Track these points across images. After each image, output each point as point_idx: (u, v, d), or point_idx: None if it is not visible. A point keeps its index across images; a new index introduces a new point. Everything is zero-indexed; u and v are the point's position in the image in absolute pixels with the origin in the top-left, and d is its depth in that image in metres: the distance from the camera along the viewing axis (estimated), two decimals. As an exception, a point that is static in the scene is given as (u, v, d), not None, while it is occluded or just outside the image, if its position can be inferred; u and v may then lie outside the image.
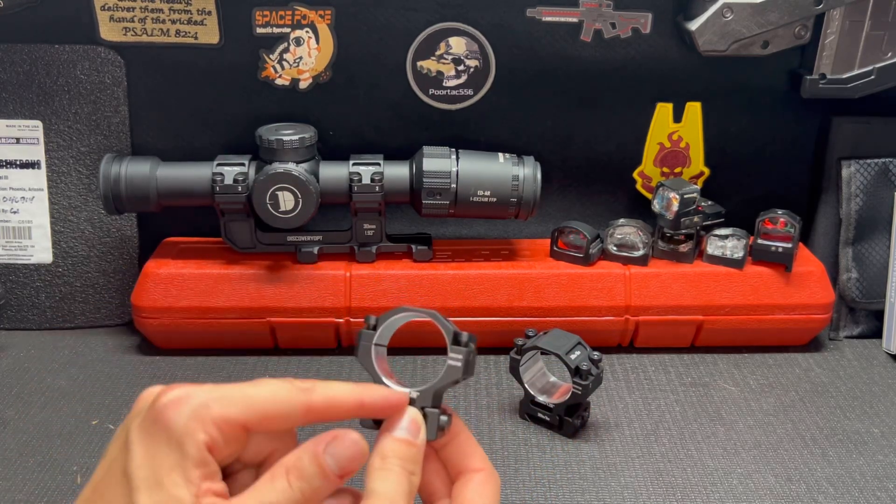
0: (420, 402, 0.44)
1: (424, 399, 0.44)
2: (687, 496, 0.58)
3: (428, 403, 0.44)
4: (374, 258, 0.76)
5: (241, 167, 0.71)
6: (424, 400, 0.44)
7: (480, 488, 0.42)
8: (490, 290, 0.74)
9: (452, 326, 0.45)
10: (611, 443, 0.64)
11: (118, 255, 0.79)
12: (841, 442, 0.64)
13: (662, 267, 0.75)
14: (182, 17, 0.74)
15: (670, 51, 0.77)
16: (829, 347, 0.78)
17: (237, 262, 0.75)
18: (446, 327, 0.44)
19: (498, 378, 0.72)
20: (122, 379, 0.72)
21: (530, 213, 0.74)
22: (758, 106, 0.80)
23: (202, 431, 0.35)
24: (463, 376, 0.44)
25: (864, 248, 0.79)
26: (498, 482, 0.43)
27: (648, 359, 0.75)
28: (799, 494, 0.58)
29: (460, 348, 0.44)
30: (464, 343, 0.44)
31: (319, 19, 0.75)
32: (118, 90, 0.77)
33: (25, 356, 0.75)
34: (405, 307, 0.46)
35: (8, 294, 0.79)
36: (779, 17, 0.73)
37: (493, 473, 0.43)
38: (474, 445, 0.43)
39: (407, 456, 0.40)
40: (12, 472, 0.60)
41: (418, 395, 0.44)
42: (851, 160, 0.78)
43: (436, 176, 0.72)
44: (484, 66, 0.77)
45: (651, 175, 0.83)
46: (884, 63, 0.75)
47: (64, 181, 0.78)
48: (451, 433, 0.43)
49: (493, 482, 0.42)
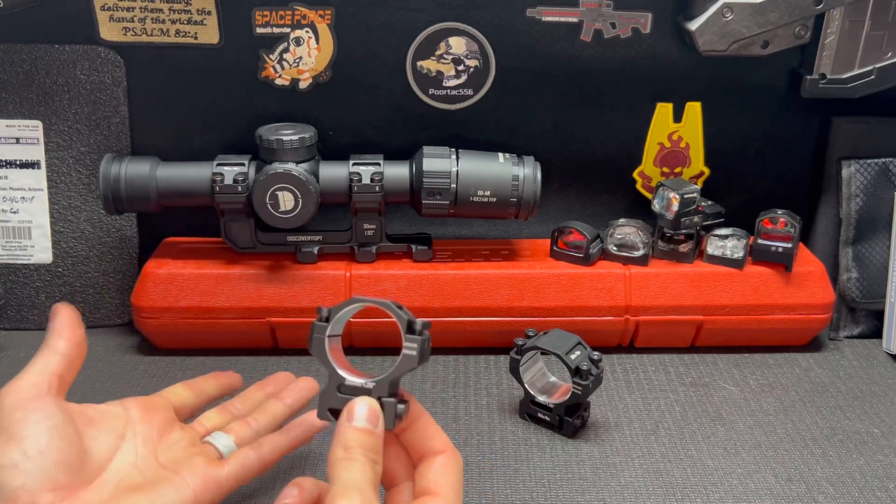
0: (377, 393, 0.45)
1: (381, 389, 0.45)
2: (687, 496, 0.58)
3: (384, 393, 0.45)
4: (374, 258, 0.76)
5: (241, 167, 0.71)
6: (381, 390, 0.45)
7: (443, 469, 0.43)
8: (490, 290, 0.74)
9: (406, 315, 0.45)
10: (611, 443, 0.64)
11: (118, 255, 0.79)
12: (841, 442, 0.64)
13: (662, 267, 0.75)
14: (182, 17, 0.74)
15: (670, 51, 0.77)
16: (829, 347, 0.78)
17: (237, 262, 0.75)
18: (400, 317, 0.45)
19: (498, 378, 0.72)
20: (122, 379, 0.72)
21: (530, 213, 0.74)
22: (758, 106, 0.80)
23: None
24: (419, 364, 0.45)
25: (864, 248, 0.79)
26: (460, 462, 0.44)
27: (648, 359, 0.75)
28: (799, 494, 0.58)
29: (415, 337, 0.45)
30: (418, 331, 0.45)
31: (319, 19, 0.75)
32: (118, 90, 0.77)
33: (25, 356, 0.74)
34: (357, 297, 0.47)
35: (8, 294, 0.79)
36: (779, 17, 0.73)
37: (455, 454, 0.44)
38: (434, 428, 0.44)
39: (368, 445, 0.41)
40: (12, 472, 0.60)
41: (374, 385, 0.45)
42: (851, 160, 0.78)
43: (436, 176, 0.72)
44: (484, 66, 0.77)
45: (651, 175, 0.83)
46: (884, 63, 0.75)
47: (64, 181, 0.78)
48: (411, 417, 0.44)
49: (456, 462, 0.43)
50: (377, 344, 0.75)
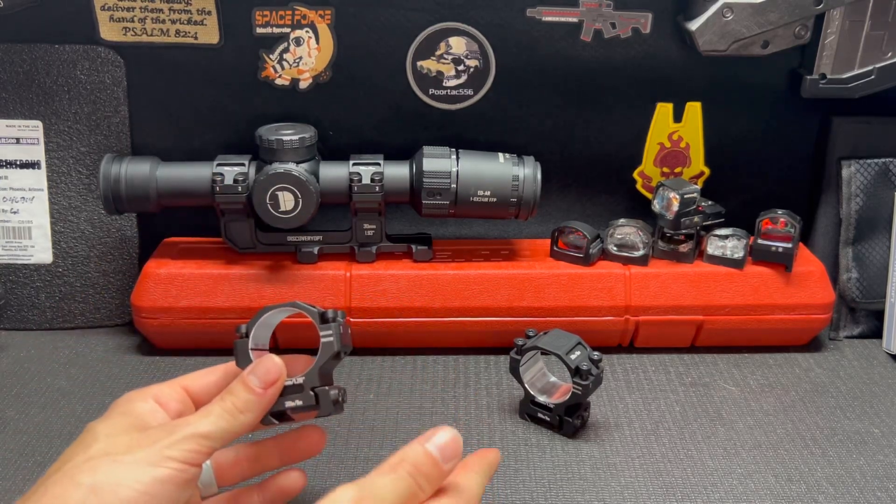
0: (309, 384, 0.48)
1: (312, 380, 0.48)
2: (687, 496, 0.58)
3: (316, 383, 0.48)
4: (374, 258, 0.76)
5: (241, 167, 0.71)
6: (312, 381, 0.48)
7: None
8: (490, 290, 0.74)
9: (316, 309, 0.48)
10: (611, 443, 0.64)
11: (118, 255, 0.79)
12: (841, 442, 0.64)
13: (662, 267, 0.75)
14: (182, 17, 0.74)
15: (670, 51, 0.77)
16: (829, 347, 0.78)
17: (237, 262, 0.75)
18: (310, 311, 0.48)
19: (498, 378, 0.72)
20: (122, 379, 0.72)
21: (530, 213, 0.74)
22: (758, 106, 0.80)
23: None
24: (341, 348, 0.48)
25: (864, 248, 0.79)
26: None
27: (648, 359, 0.75)
28: (799, 494, 0.58)
29: (329, 325, 0.48)
30: (331, 319, 0.48)
31: (319, 19, 0.75)
32: (118, 90, 0.77)
33: (25, 356, 0.75)
34: (268, 306, 0.50)
35: (8, 294, 0.79)
36: (779, 17, 0.73)
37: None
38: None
39: (425, 469, 0.42)
40: (12, 472, 0.60)
41: (304, 379, 0.48)
42: (851, 160, 0.78)
43: (436, 176, 0.71)
44: (484, 66, 0.77)
45: (651, 175, 0.83)
46: (884, 63, 0.75)
47: (64, 181, 0.78)
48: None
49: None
50: (377, 344, 0.75)
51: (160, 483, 0.41)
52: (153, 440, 0.43)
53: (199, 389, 0.50)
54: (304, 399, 0.48)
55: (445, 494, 0.43)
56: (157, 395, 0.48)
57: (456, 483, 0.44)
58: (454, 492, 0.43)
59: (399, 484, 0.41)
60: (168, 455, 0.42)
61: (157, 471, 0.41)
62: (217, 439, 0.44)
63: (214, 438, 0.44)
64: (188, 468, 0.43)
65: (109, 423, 0.45)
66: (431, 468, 0.42)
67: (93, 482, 0.40)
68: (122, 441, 0.43)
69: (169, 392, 0.49)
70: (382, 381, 0.71)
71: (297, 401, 0.48)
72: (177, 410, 0.48)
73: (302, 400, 0.48)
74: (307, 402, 0.48)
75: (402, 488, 0.41)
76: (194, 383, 0.50)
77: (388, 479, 0.41)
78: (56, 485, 0.41)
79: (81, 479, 0.41)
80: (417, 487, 0.41)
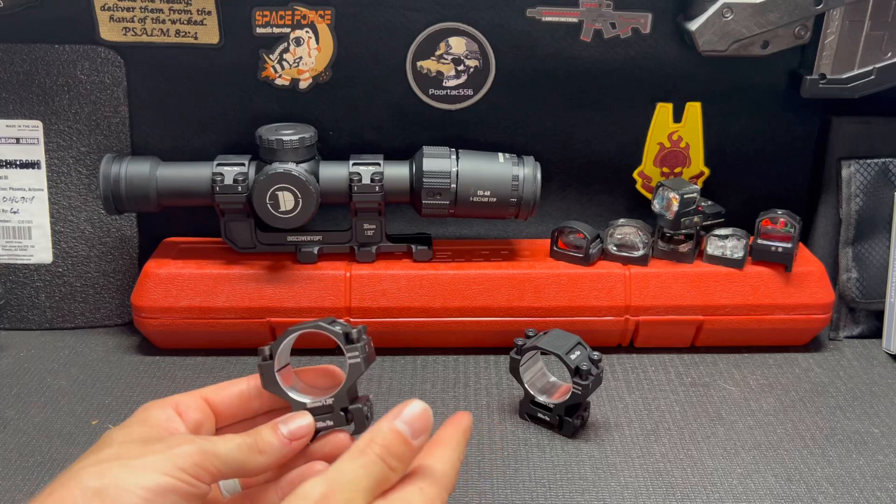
0: (338, 404, 0.48)
1: (341, 400, 0.48)
2: (687, 496, 0.58)
3: (346, 402, 0.49)
4: (374, 258, 0.76)
5: (241, 167, 0.71)
6: (341, 401, 0.48)
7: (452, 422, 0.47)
8: (490, 290, 0.74)
9: (341, 329, 0.48)
10: (611, 443, 0.64)
11: (118, 255, 0.79)
12: (841, 442, 0.64)
13: (662, 267, 0.75)
14: (182, 17, 0.74)
15: (670, 51, 0.77)
16: (829, 347, 0.78)
17: (237, 262, 0.75)
18: (335, 333, 0.49)
19: (498, 378, 0.72)
20: (122, 379, 0.72)
21: (530, 213, 0.74)
22: (758, 106, 0.80)
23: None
24: (367, 367, 0.48)
25: (864, 248, 0.79)
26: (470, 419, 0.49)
27: (648, 359, 0.75)
28: (799, 494, 0.58)
29: (355, 345, 0.48)
30: (356, 339, 0.48)
31: (319, 19, 0.75)
32: (118, 90, 0.77)
33: (25, 356, 0.75)
34: (292, 328, 0.50)
35: (8, 294, 0.79)
36: (779, 17, 0.73)
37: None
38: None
39: (393, 448, 0.42)
40: (12, 472, 0.60)
41: (334, 399, 0.48)
42: (851, 160, 0.78)
43: (436, 176, 0.72)
44: (484, 66, 0.77)
45: (651, 175, 0.83)
46: (884, 63, 0.75)
47: (64, 181, 0.78)
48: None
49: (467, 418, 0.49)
50: (377, 344, 0.75)
51: (165, 492, 0.41)
52: (166, 447, 0.43)
53: (220, 401, 0.50)
54: (335, 420, 0.49)
55: (418, 478, 0.42)
56: (177, 404, 0.48)
57: (428, 467, 0.43)
58: (427, 477, 0.43)
59: (369, 468, 0.40)
60: (178, 465, 0.42)
61: (163, 479, 0.41)
62: (229, 465, 0.44)
63: (227, 463, 0.44)
64: (195, 483, 0.42)
65: (126, 431, 0.45)
66: (401, 446, 0.41)
67: (98, 486, 0.40)
68: (135, 447, 0.43)
69: (189, 402, 0.48)
70: (382, 381, 0.71)
71: (328, 421, 0.49)
72: (196, 420, 0.48)
73: (332, 420, 0.49)
74: (338, 422, 0.49)
75: (373, 472, 0.40)
76: (216, 394, 0.50)
77: (356, 464, 0.40)
78: (62, 487, 0.41)
79: (88, 482, 0.41)
80: (388, 469, 0.41)
